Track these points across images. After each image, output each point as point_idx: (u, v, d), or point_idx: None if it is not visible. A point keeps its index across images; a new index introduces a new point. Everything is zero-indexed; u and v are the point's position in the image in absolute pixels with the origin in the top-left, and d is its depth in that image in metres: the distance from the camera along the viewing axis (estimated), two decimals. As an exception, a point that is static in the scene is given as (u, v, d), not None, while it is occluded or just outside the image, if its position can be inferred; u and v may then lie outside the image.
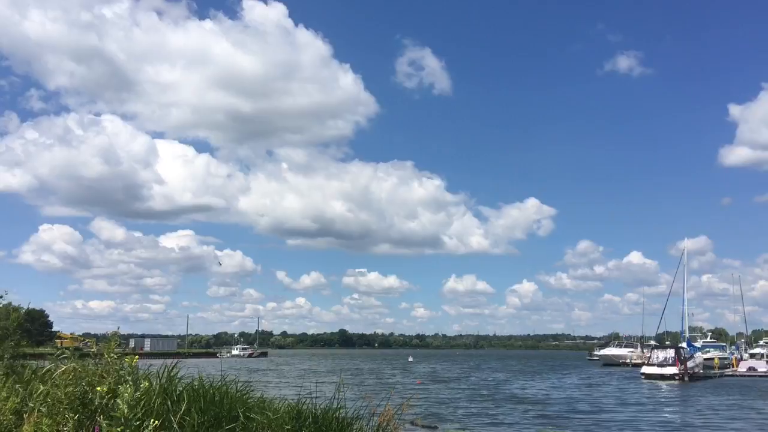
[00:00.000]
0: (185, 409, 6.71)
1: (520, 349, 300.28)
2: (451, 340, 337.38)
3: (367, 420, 8.61)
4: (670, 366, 55.95)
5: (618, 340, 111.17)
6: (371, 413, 8.78)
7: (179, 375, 8.02)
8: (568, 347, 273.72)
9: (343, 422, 8.31)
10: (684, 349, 61.47)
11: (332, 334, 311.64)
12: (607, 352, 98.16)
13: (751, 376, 60.76)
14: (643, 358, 71.84)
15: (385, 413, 8.59)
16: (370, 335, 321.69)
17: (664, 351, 62.67)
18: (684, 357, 57.40)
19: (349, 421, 8.40)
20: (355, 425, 8.45)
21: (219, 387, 7.75)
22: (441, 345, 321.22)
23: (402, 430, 9.24)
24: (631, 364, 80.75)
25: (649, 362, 61.58)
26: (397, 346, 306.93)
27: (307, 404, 8.47)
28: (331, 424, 8.13)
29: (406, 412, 9.85)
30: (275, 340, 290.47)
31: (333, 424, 8.14)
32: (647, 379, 54.50)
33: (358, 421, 8.56)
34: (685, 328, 75.24)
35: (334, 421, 8.20)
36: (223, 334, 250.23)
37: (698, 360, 63.57)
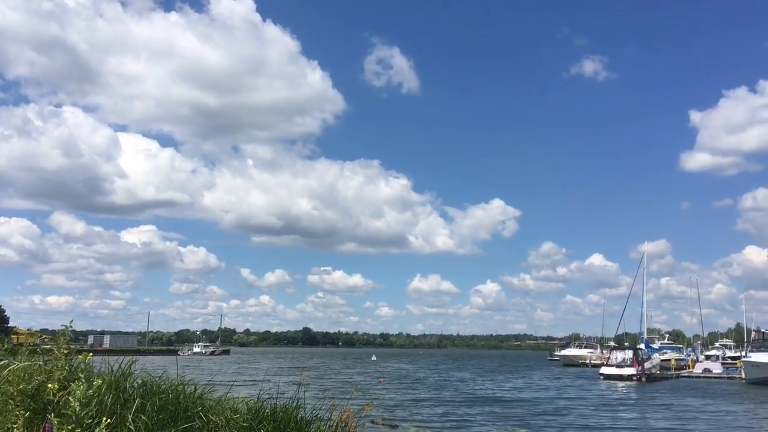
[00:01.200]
0: (140, 407, 6.61)
1: (483, 348, 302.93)
2: (415, 339, 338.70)
3: (326, 419, 8.58)
4: (628, 367, 57.03)
5: (578, 341, 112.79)
6: (331, 412, 8.75)
7: (136, 372, 7.89)
8: (530, 347, 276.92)
9: (301, 422, 8.27)
10: (642, 351, 62.65)
11: (296, 333, 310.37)
12: (567, 352, 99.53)
13: (706, 377, 62.20)
14: (603, 358, 73.09)
15: (344, 412, 8.57)
16: (334, 334, 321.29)
17: (622, 352, 63.84)
18: (642, 358, 58.50)
19: (308, 421, 8.36)
20: (313, 424, 8.41)
21: (175, 385, 7.64)
22: (404, 344, 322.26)
23: (362, 428, 9.23)
24: (590, 365, 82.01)
25: (607, 363, 62.68)
26: (361, 345, 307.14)
27: (266, 403, 8.43)
28: (289, 423, 8.08)
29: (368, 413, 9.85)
30: (238, 337, 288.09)
31: (291, 424, 8.09)
32: (606, 379, 55.44)
33: (317, 420, 8.52)
34: (644, 330, 76.64)
35: (293, 420, 8.16)
36: (185, 332, 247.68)
37: (655, 361, 64.87)
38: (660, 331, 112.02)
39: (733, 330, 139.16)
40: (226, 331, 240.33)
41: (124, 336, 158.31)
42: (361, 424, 9.55)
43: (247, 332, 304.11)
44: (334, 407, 8.67)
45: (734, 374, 60.60)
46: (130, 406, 6.58)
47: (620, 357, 62.37)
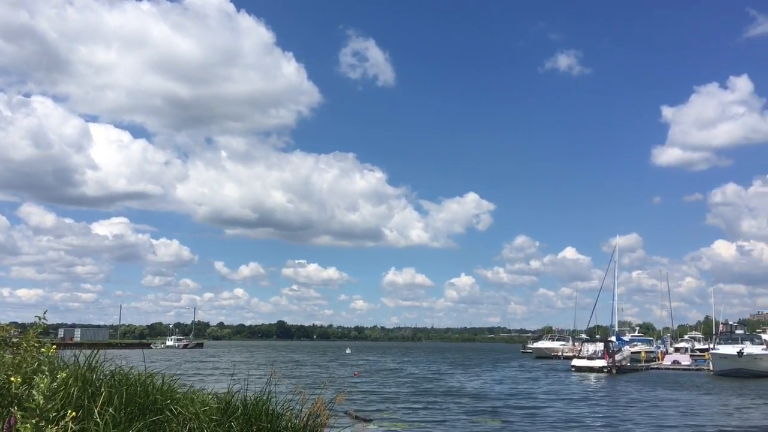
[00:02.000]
0: (107, 399, 6.53)
1: (457, 341, 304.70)
2: (390, 332, 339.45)
3: (297, 412, 8.56)
4: (599, 359, 57.82)
5: (551, 334, 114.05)
6: (303, 405, 8.73)
7: (106, 365, 7.80)
8: (503, 340, 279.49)
9: (272, 414, 8.24)
10: (613, 343, 63.49)
11: (270, 326, 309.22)
12: (539, 345, 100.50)
13: (675, 369, 63.25)
14: (574, 351, 73.99)
15: (315, 404, 8.56)
16: (308, 327, 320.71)
17: (593, 344, 64.69)
18: (612, 350, 59.29)
19: (279, 413, 8.34)
20: (284, 417, 8.39)
21: (144, 378, 7.57)
22: (379, 337, 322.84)
23: (333, 421, 9.24)
24: (562, 357, 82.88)
25: (579, 355, 63.52)
26: (336, 338, 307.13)
27: (237, 396, 8.40)
28: (260, 416, 8.05)
29: (341, 404, 9.86)
30: (212, 331, 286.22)
31: (262, 417, 8.06)
32: (577, 371, 56.12)
33: (288, 412, 8.50)
34: (615, 323, 77.65)
35: (264, 413, 8.13)
36: (157, 325, 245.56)
37: (626, 353, 65.77)
38: (631, 324, 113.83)
39: (702, 323, 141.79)
40: (199, 325, 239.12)
41: (96, 329, 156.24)
42: (333, 416, 9.56)
43: (220, 325, 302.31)
44: (304, 399, 8.66)
45: (702, 366, 61.70)
46: (98, 399, 6.51)
47: (591, 349, 63.26)
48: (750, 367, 51.17)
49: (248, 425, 7.93)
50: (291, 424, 8.29)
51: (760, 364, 51.90)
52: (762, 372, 51.23)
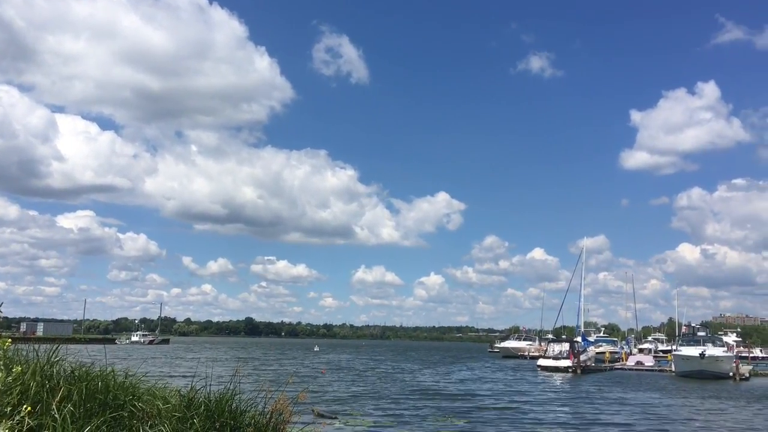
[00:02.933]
0: (66, 395, 6.42)
1: (426, 340, 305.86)
2: (358, 330, 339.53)
3: (260, 408, 8.52)
4: (565, 359, 58.53)
5: (518, 334, 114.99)
6: (266, 402, 8.69)
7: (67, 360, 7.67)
8: (471, 339, 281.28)
9: (235, 411, 8.20)
10: (578, 343, 64.30)
11: (238, 322, 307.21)
12: (506, 344, 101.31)
13: (638, 369, 64.27)
14: (541, 350, 74.75)
15: (278, 401, 8.52)
16: (277, 324, 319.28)
17: (559, 344, 65.48)
18: (578, 351, 60.04)
19: (242, 410, 8.30)
20: (248, 413, 8.35)
21: (105, 374, 7.46)
22: (348, 335, 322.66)
23: (297, 418, 9.21)
24: (529, 357, 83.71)
25: (545, 355, 64.21)
26: (304, 336, 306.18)
27: (200, 393, 8.33)
28: (223, 413, 8.00)
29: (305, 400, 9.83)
30: (179, 327, 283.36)
31: (225, 413, 8.01)
32: (543, 371, 56.72)
33: (251, 409, 8.46)
34: (581, 323, 78.68)
35: (227, 409, 8.08)
36: (123, 320, 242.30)
37: (591, 354, 66.68)
38: (596, 325, 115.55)
39: (665, 324, 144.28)
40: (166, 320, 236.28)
41: (59, 324, 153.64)
42: (297, 413, 9.53)
43: (188, 321, 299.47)
44: (268, 396, 8.61)
45: (665, 367, 62.77)
46: (56, 394, 6.40)
47: (557, 349, 64.06)
48: (711, 369, 52.18)
49: (211, 422, 7.87)
50: (254, 420, 8.25)
51: (720, 365, 52.96)
52: (722, 374, 52.32)
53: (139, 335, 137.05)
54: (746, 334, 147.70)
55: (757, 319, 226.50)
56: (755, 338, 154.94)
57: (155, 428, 6.96)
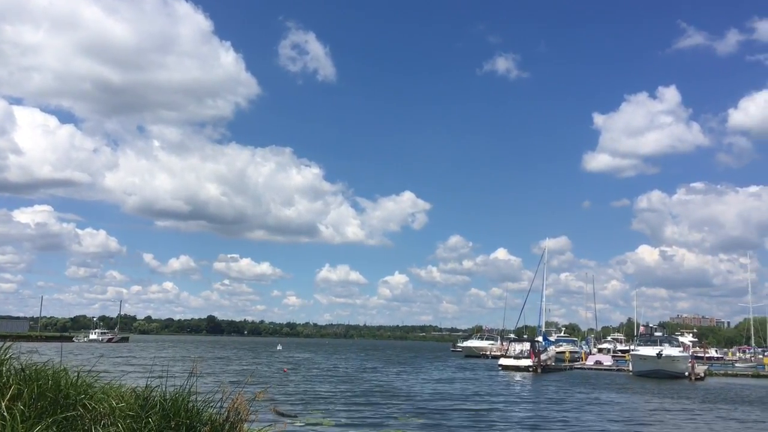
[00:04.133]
0: (16, 394, 6.30)
1: (389, 339, 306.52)
2: (322, 329, 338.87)
3: (218, 407, 8.46)
4: (525, 358, 59.21)
5: (480, 333, 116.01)
6: (224, 400, 8.62)
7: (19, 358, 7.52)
8: (435, 339, 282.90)
9: (192, 410, 8.13)
10: (539, 343, 65.13)
11: (200, 321, 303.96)
12: (469, 344, 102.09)
13: (597, 369, 65.35)
14: (502, 350, 75.49)
15: (236, 400, 8.47)
16: (239, 322, 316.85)
17: (520, 344, 66.25)
18: (538, 350, 60.81)
19: (199, 409, 8.23)
20: (205, 412, 8.28)
21: (57, 372, 7.33)
22: (311, 334, 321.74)
23: (255, 417, 9.17)
24: (490, 356, 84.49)
25: (506, 354, 64.86)
26: (267, 334, 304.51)
27: (156, 391, 8.25)
28: (179, 412, 7.93)
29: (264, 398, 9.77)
30: (139, 325, 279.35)
31: (181, 412, 7.93)
32: (504, 370, 57.32)
33: (208, 408, 8.39)
34: (542, 323, 79.79)
35: (183, 408, 8.00)
36: (81, 318, 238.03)
37: (551, 353, 67.58)
38: (557, 325, 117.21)
39: (624, 324, 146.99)
40: (126, 318, 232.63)
41: (14, 321, 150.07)
42: (255, 412, 9.49)
43: (148, 319, 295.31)
44: (226, 395, 8.56)
45: (623, 367, 63.91)
46: (6, 393, 6.28)
47: (518, 349, 64.81)
48: (667, 369, 53.34)
49: (166, 421, 7.80)
50: (211, 419, 8.19)
51: (677, 365, 54.16)
52: (678, 373, 53.51)
53: (97, 333, 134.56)
54: (702, 334, 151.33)
55: (713, 320, 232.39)
56: (711, 339, 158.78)
57: (108, 428, 6.87)
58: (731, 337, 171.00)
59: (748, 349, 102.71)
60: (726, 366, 77.65)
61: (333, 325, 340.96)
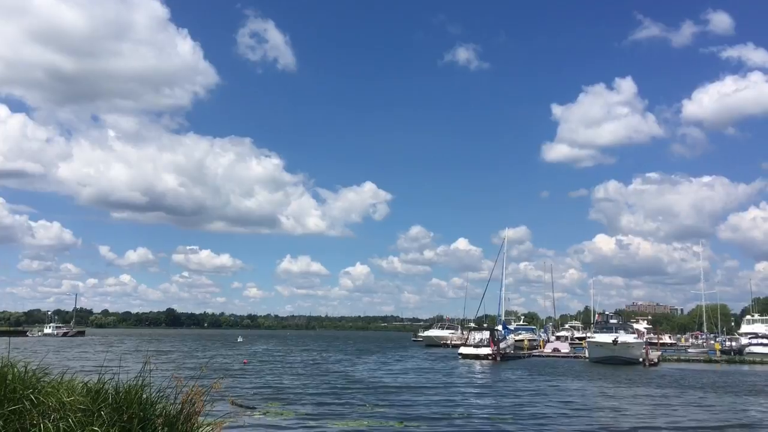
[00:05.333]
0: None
1: (351, 330, 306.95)
2: (284, 320, 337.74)
3: (172, 399, 8.36)
4: (485, 347, 59.84)
5: (441, 323, 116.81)
6: (178, 392, 8.52)
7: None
8: (396, 328, 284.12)
9: (145, 402, 8.03)
10: (498, 332, 65.88)
11: (159, 314, 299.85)
12: (429, 333, 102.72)
13: (555, 356, 66.42)
14: (462, 339, 76.12)
15: (190, 391, 8.37)
16: (199, 315, 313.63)
17: (480, 333, 66.79)
18: (497, 339, 61.52)
19: (153, 401, 8.13)
20: (159, 404, 8.18)
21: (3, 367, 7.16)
22: (273, 325, 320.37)
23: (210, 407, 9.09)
24: (451, 345, 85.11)
25: (466, 343, 65.43)
26: (228, 327, 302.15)
27: (108, 384, 8.12)
28: (132, 404, 7.82)
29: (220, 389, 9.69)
30: (95, 318, 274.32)
31: (134, 405, 7.83)
32: (464, 359, 57.87)
33: (163, 400, 8.29)
34: (502, 312, 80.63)
35: (137, 401, 7.90)
36: (35, 312, 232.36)
37: (510, 341, 68.44)
38: (517, 313, 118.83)
39: (582, 312, 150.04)
40: (82, 312, 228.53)
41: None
42: (211, 403, 9.41)
43: (105, 313, 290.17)
44: (179, 386, 8.47)
45: (580, 353, 65.07)
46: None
47: (478, 337, 65.34)
48: (623, 355, 54.52)
49: (119, 414, 7.70)
50: (165, 411, 8.09)
51: (631, 351, 55.39)
52: (633, 359, 54.73)
53: (52, 327, 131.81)
54: (656, 321, 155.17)
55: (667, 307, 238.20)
56: (664, 325, 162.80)
57: (57, 422, 6.74)
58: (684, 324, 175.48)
59: (700, 335, 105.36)
60: (679, 352, 79.55)
61: (294, 317, 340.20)
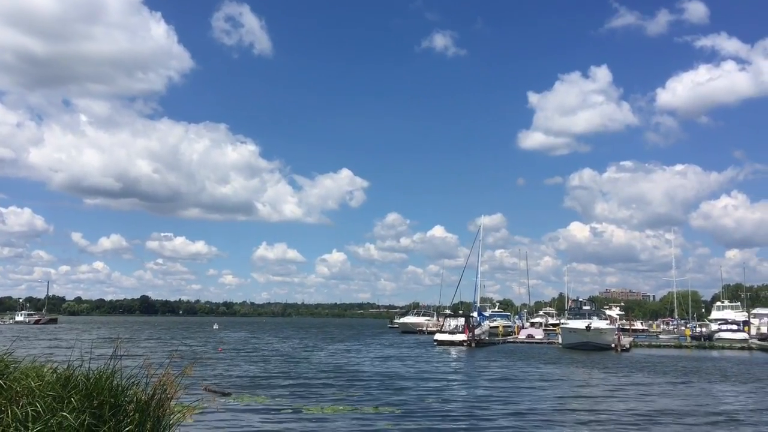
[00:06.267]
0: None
1: (327, 317, 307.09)
2: (260, 308, 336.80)
3: (143, 386, 8.34)
4: (460, 333, 60.38)
5: (417, 309, 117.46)
6: (150, 378, 8.50)
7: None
8: (373, 316, 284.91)
9: (116, 389, 8.01)
10: (473, 318, 66.42)
11: (133, 301, 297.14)
12: (405, 320, 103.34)
13: (529, 342, 67.13)
14: (438, 326, 76.69)
15: (162, 377, 8.36)
16: (174, 302, 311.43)
17: (455, 319, 67.40)
18: (473, 325, 62.02)
19: (124, 387, 8.11)
20: (130, 390, 8.16)
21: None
22: (249, 313, 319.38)
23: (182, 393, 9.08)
24: (427, 332, 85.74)
25: (441, 330, 65.95)
26: (203, 314, 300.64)
27: (79, 371, 8.10)
28: (103, 390, 7.80)
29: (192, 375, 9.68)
30: (68, 306, 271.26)
31: (105, 391, 7.81)
32: (439, 345, 58.33)
33: (134, 386, 8.28)
34: (477, 299, 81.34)
35: (107, 387, 7.88)
36: (6, 299, 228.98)
37: (485, 328, 69.12)
38: (492, 300, 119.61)
39: (556, 299, 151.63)
40: (54, 299, 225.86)
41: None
42: (183, 388, 9.41)
43: (78, 300, 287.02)
44: (151, 373, 8.45)
45: (553, 339, 65.86)
46: None
47: (453, 324, 65.98)
48: (595, 340, 55.28)
49: (89, 400, 7.67)
50: (136, 397, 8.08)
51: (604, 337, 56.19)
52: (605, 345, 55.54)
53: (23, 315, 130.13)
54: (629, 308, 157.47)
55: (640, 293, 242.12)
56: (637, 312, 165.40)
57: (26, 408, 6.71)
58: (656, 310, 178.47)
59: (671, 321, 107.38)
60: (650, 337, 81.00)
61: (271, 304, 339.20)
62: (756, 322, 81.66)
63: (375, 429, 16.01)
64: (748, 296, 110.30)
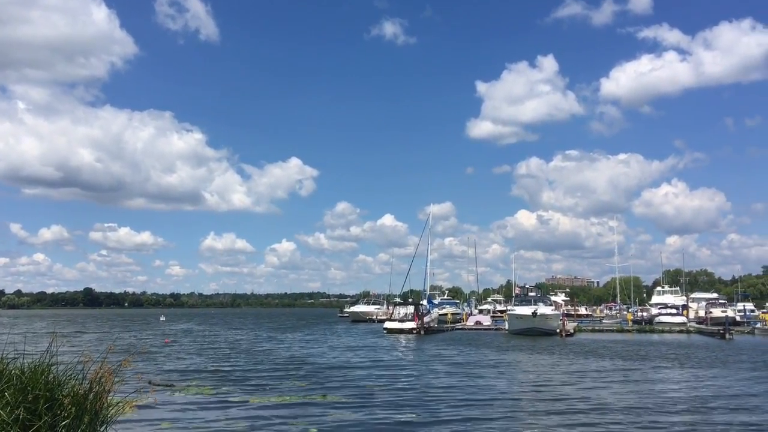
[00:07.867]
0: None
1: (277, 307, 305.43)
2: (208, 299, 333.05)
3: (80, 379, 8.19)
4: (409, 321, 60.88)
5: (367, 298, 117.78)
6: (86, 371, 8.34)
7: None
8: (323, 305, 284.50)
9: (53, 382, 7.87)
10: (423, 306, 66.99)
11: (76, 293, 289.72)
12: (356, 309, 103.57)
13: (477, 329, 68.12)
14: (388, 314, 77.11)
15: (99, 370, 8.21)
16: (119, 294, 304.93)
17: (405, 308, 67.91)
18: (422, 313, 62.59)
19: (60, 381, 7.97)
20: (66, 384, 8.02)
21: None
22: (197, 304, 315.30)
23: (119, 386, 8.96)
24: (377, 320, 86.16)
25: (391, 318, 66.38)
26: (150, 306, 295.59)
27: (12, 365, 7.93)
28: (38, 384, 7.67)
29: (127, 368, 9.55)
30: (7, 299, 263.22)
31: (40, 385, 7.67)
32: (389, 333, 58.71)
33: (71, 380, 8.13)
34: (427, 287, 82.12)
35: (42, 381, 7.74)
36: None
37: (434, 315, 69.86)
38: (441, 288, 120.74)
39: (504, 286, 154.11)
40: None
41: None
42: (123, 381, 9.29)
43: (18, 293, 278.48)
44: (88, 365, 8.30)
45: (500, 326, 67.01)
46: None
47: (402, 312, 66.49)
48: (541, 326, 56.52)
49: (24, 395, 7.54)
50: (73, 391, 7.94)
51: (549, 323, 57.53)
52: (551, 330, 56.87)
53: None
54: (574, 293, 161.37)
55: (584, 279, 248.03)
56: (581, 297, 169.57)
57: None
58: (600, 296, 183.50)
59: (614, 306, 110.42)
60: (594, 322, 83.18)
61: (219, 295, 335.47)
62: (694, 306, 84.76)
63: (323, 418, 16.01)
64: (687, 281, 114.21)
